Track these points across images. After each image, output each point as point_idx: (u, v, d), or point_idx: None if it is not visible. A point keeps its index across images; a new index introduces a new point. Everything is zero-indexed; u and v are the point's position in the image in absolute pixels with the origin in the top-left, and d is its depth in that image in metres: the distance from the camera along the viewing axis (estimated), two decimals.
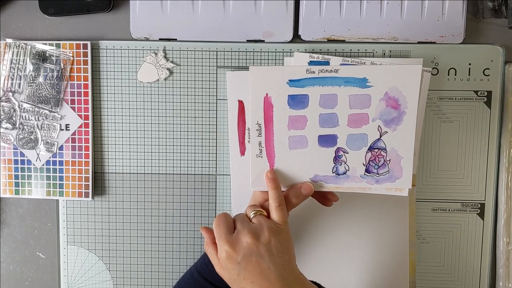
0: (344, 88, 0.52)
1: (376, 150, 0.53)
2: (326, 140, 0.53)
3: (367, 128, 0.52)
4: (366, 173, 0.53)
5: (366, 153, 0.53)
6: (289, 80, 0.52)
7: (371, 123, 0.52)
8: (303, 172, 0.54)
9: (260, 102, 0.53)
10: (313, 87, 0.52)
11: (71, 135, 0.65)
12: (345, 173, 0.53)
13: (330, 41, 0.64)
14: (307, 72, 0.52)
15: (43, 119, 0.65)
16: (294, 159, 0.53)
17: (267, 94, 0.52)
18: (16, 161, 0.66)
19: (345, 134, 0.53)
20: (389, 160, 0.53)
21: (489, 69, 0.64)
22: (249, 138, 0.61)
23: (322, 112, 0.52)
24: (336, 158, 0.53)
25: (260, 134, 0.53)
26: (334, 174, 0.54)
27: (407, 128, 0.52)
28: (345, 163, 0.53)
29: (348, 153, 0.53)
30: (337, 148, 0.53)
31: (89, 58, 0.64)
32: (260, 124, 0.53)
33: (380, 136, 0.52)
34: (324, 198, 0.57)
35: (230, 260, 0.49)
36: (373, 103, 0.52)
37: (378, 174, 0.53)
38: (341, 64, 0.60)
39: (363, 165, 0.53)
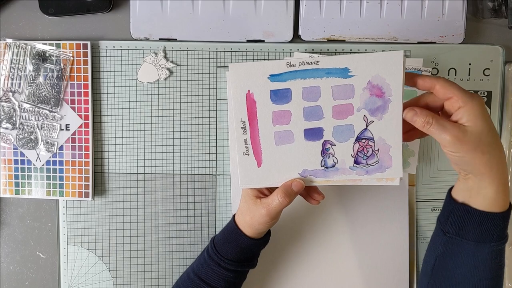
0: (326, 79, 0.51)
1: (363, 141, 0.52)
2: (312, 134, 0.52)
3: (353, 119, 0.51)
4: (355, 164, 0.52)
5: (354, 144, 0.52)
6: (270, 75, 0.51)
7: (356, 113, 0.51)
8: (291, 167, 0.53)
9: (242, 99, 0.52)
10: (295, 81, 0.51)
11: (71, 135, 0.65)
12: (333, 165, 0.53)
13: (330, 41, 0.64)
14: (288, 65, 0.51)
15: (43, 119, 0.65)
16: (282, 155, 0.53)
17: (249, 90, 0.52)
18: (16, 161, 0.66)
19: (330, 126, 0.52)
20: (378, 149, 0.52)
21: (489, 69, 0.64)
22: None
23: (306, 105, 0.52)
24: (324, 151, 0.52)
25: (245, 131, 0.53)
26: (323, 167, 0.53)
27: (393, 116, 0.50)
28: (333, 156, 0.52)
29: (335, 145, 0.52)
30: (324, 141, 0.52)
31: (89, 58, 0.64)
32: (244, 122, 0.52)
33: (367, 126, 0.51)
34: (309, 196, 0.56)
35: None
36: (356, 93, 0.51)
37: (368, 164, 0.52)
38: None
39: (352, 156, 0.52)
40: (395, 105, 0.50)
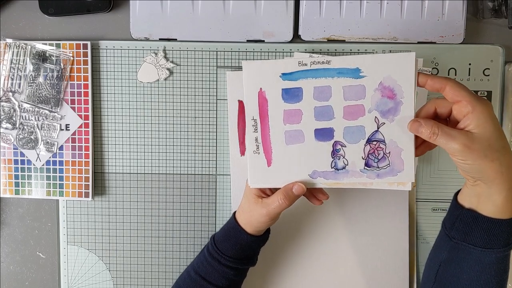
0: (338, 79, 0.50)
1: (374, 143, 0.51)
2: (323, 134, 0.52)
3: (364, 120, 0.51)
4: (366, 167, 0.51)
5: (365, 146, 0.51)
6: (282, 74, 0.51)
7: (367, 114, 0.50)
8: (301, 168, 0.52)
9: (254, 97, 0.52)
10: (306, 80, 0.51)
11: (71, 135, 0.65)
12: (344, 167, 0.52)
13: (330, 41, 0.64)
14: (299, 64, 0.51)
15: (43, 119, 0.65)
16: (292, 154, 0.52)
17: (261, 88, 0.52)
18: (16, 161, 0.66)
19: (341, 127, 0.51)
20: (389, 152, 0.51)
21: (489, 69, 0.64)
22: None
23: (316, 105, 0.51)
24: (334, 152, 0.52)
25: (256, 130, 0.52)
26: (333, 169, 0.52)
27: (405, 118, 0.50)
28: (344, 157, 0.52)
29: (346, 146, 0.51)
30: (334, 141, 0.52)
31: (89, 58, 0.64)
32: (255, 120, 0.52)
33: (378, 128, 0.51)
34: (313, 197, 0.56)
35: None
36: (368, 94, 0.50)
37: (379, 167, 0.51)
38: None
39: (362, 158, 0.51)
40: (407, 108, 0.49)
